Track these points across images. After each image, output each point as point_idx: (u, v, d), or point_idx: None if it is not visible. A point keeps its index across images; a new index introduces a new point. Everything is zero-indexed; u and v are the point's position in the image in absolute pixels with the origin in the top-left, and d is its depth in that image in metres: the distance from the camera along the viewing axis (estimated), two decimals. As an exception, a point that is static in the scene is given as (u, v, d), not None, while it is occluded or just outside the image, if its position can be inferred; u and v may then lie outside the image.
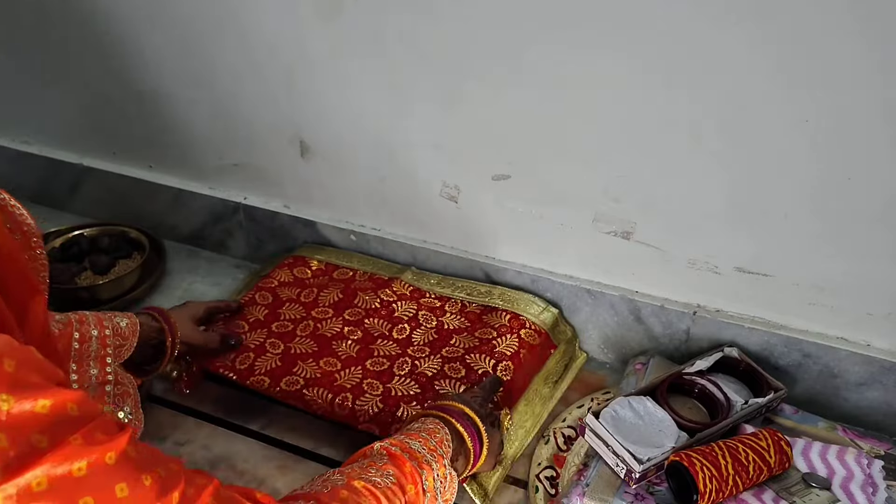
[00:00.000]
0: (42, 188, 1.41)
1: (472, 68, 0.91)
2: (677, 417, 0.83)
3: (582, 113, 0.88)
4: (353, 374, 0.95)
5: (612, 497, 0.78)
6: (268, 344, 1.00)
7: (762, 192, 0.84)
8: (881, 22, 0.69)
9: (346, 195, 1.15)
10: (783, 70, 0.76)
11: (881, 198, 0.79)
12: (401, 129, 1.02)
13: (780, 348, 0.93)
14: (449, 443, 0.73)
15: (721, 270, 0.93)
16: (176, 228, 1.31)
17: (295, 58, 1.02)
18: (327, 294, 1.09)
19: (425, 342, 1.01)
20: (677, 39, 0.78)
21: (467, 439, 0.75)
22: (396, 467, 0.65)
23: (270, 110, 1.10)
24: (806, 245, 0.86)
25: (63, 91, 1.26)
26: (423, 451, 0.69)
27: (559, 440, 0.92)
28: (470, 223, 1.07)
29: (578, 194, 0.96)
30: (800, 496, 0.76)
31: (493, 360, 0.96)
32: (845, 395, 0.92)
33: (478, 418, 0.77)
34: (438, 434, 0.73)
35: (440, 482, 0.68)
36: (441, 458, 0.70)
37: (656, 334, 1.00)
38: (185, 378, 0.99)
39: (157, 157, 1.27)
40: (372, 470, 0.64)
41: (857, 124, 0.76)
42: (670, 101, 0.83)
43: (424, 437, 0.71)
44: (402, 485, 0.64)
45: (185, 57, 1.10)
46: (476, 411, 0.78)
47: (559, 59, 0.86)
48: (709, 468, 0.74)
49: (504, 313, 1.03)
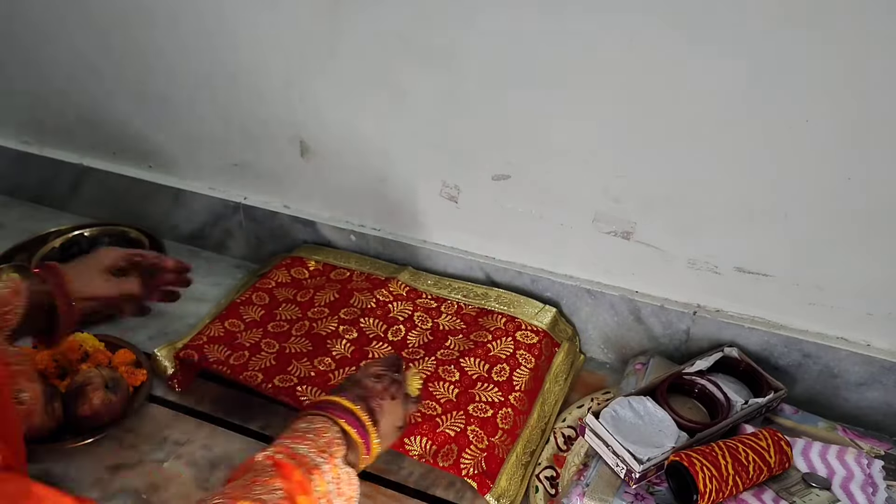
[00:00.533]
0: (42, 188, 1.41)
1: (472, 68, 0.91)
2: (677, 417, 0.83)
3: (582, 113, 0.88)
4: (348, 374, 0.95)
5: (612, 497, 0.78)
6: (263, 343, 1.00)
7: (762, 192, 0.84)
8: (881, 21, 0.69)
9: (346, 195, 1.15)
10: (783, 70, 0.76)
11: (881, 198, 0.79)
12: (401, 130, 1.02)
13: (780, 348, 0.93)
14: (340, 440, 0.70)
15: (721, 270, 0.93)
16: (176, 228, 1.31)
17: (295, 58, 1.02)
18: (323, 294, 1.09)
19: (420, 344, 1.01)
20: (677, 38, 0.78)
21: (353, 434, 0.72)
22: (284, 478, 0.61)
23: (270, 110, 1.10)
24: (806, 245, 0.86)
25: (63, 91, 1.26)
26: (312, 453, 0.66)
27: (559, 440, 0.92)
28: (470, 223, 1.07)
29: (578, 194, 0.96)
30: (800, 496, 0.76)
31: (488, 364, 0.96)
32: (845, 395, 0.92)
33: (358, 410, 0.73)
34: (327, 433, 0.69)
35: (333, 484, 0.65)
36: (332, 458, 0.67)
37: (656, 334, 1.00)
38: (178, 378, 0.99)
39: (157, 157, 1.27)
40: (257, 487, 0.60)
41: (857, 124, 0.76)
42: (670, 101, 0.83)
43: (312, 438, 0.68)
44: (293, 497, 0.61)
45: (185, 57, 1.10)
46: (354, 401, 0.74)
47: (559, 58, 0.86)
48: (709, 468, 0.74)
49: (500, 316, 1.03)
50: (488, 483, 0.82)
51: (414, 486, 0.87)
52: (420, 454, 0.84)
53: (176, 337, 1.08)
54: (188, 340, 1.02)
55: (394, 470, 0.89)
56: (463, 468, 0.83)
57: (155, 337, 1.10)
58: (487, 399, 0.92)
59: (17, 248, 1.25)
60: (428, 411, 0.89)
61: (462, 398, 0.91)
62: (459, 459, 0.84)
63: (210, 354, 0.97)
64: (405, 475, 0.88)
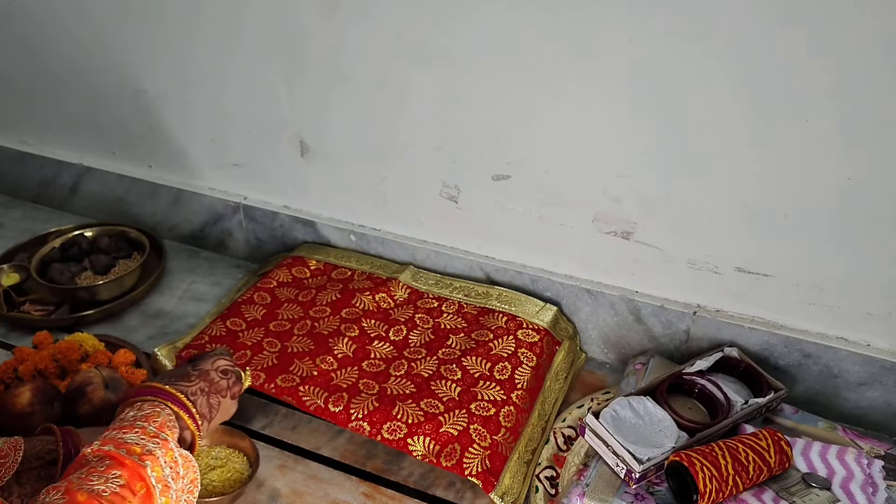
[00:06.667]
0: (42, 188, 1.41)
1: (472, 68, 0.91)
2: (677, 417, 0.83)
3: (582, 113, 0.88)
4: (350, 374, 0.95)
5: (612, 497, 0.78)
6: (265, 343, 1.00)
7: (762, 192, 0.85)
8: (882, 21, 0.69)
9: (346, 195, 1.15)
10: (783, 70, 0.76)
11: (881, 198, 0.79)
12: (401, 129, 1.02)
13: (780, 348, 0.93)
14: (173, 423, 0.69)
15: (721, 270, 0.93)
16: (176, 228, 1.31)
17: (295, 58, 1.02)
18: (325, 294, 1.09)
19: (421, 343, 1.01)
20: (677, 38, 0.79)
21: (182, 414, 0.72)
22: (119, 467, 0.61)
23: (270, 110, 1.10)
24: (806, 245, 0.86)
25: (63, 91, 1.26)
26: (143, 440, 0.64)
27: (559, 440, 0.92)
28: (470, 223, 1.07)
29: (578, 194, 0.96)
30: (800, 496, 0.76)
31: (489, 363, 0.96)
32: (845, 395, 0.92)
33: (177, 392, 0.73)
34: (159, 417, 0.68)
35: (170, 468, 0.64)
36: (166, 443, 0.66)
37: (656, 334, 1.00)
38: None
39: (157, 157, 1.27)
40: (94, 477, 0.59)
41: (857, 124, 0.76)
42: (670, 101, 0.83)
43: (142, 425, 0.66)
44: (131, 485, 0.60)
45: (185, 56, 1.10)
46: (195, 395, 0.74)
47: (559, 59, 0.86)
48: (709, 468, 0.74)
49: (501, 315, 1.03)
50: (492, 481, 0.82)
51: (414, 486, 0.87)
52: (423, 454, 0.84)
53: (176, 337, 1.08)
54: (190, 340, 1.02)
55: (394, 470, 0.89)
56: (466, 467, 0.83)
57: (155, 337, 1.10)
58: (490, 397, 0.92)
59: (17, 248, 1.25)
60: (431, 410, 0.89)
61: (464, 397, 0.91)
62: (462, 459, 0.84)
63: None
64: (405, 475, 0.88)
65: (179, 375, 0.77)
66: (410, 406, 0.90)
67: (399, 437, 0.86)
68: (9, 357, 1.01)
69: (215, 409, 0.76)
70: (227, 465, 0.87)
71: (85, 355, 0.99)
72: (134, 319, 1.14)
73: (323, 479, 0.88)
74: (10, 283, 1.18)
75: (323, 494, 0.86)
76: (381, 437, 0.86)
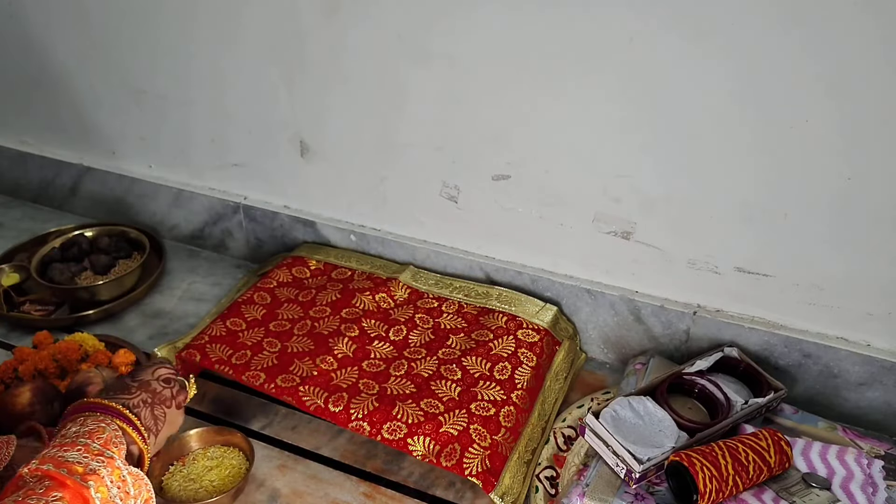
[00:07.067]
0: (42, 188, 1.41)
1: (472, 68, 0.91)
2: (677, 417, 0.83)
3: (582, 113, 0.88)
4: (350, 374, 0.95)
5: (612, 497, 0.78)
6: (265, 343, 1.00)
7: (762, 192, 0.85)
8: (882, 21, 0.69)
9: (346, 195, 1.15)
10: (783, 70, 0.76)
11: (881, 198, 0.79)
12: (401, 129, 1.02)
13: (780, 348, 0.93)
14: (119, 439, 0.65)
15: (721, 270, 0.93)
16: (176, 228, 1.31)
17: (295, 58, 1.02)
18: (325, 294, 1.09)
19: (421, 343, 1.01)
20: (677, 38, 0.78)
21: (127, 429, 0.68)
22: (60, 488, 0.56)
23: (270, 110, 1.10)
24: (806, 245, 0.86)
25: (63, 91, 1.26)
26: (86, 458, 0.60)
27: (559, 440, 0.92)
28: (470, 223, 1.07)
29: (578, 194, 0.96)
30: (800, 496, 0.76)
31: (489, 363, 0.96)
32: (845, 395, 0.92)
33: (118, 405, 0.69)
34: (104, 433, 0.64)
35: (117, 488, 0.60)
36: (112, 460, 0.61)
37: (656, 334, 1.00)
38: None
39: (157, 157, 1.27)
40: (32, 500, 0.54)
41: (857, 124, 0.76)
42: (670, 101, 0.83)
43: (84, 442, 0.62)
44: None
45: (184, 56, 1.10)
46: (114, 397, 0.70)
47: (559, 58, 0.86)
48: (709, 468, 0.74)
49: (501, 315, 1.03)
50: (492, 481, 0.82)
51: (414, 486, 0.87)
52: (423, 454, 0.84)
53: (176, 337, 1.08)
54: (190, 340, 1.02)
55: (394, 470, 0.89)
56: (466, 467, 0.83)
57: (155, 337, 1.10)
58: (490, 397, 0.92)
59: (17, 248, 1.25)
60: (431, 410, 0.89)
61: (464, 396, 0.91)
62: (462, 459, 0.84)
63: (212, 354, 0.97)
64: (405, 475, 0.88)
65: (118, 388, 0.72)
66: (410, 406, 0.89)
67: (399, 437, 0.85)
68: (9, 357, 1.01)
69: (161, 421, 0.72)
70: (224, 462, 0.87)
71: (85, 355, 0.99)
72: (134, 319, 1.14)
73: (323, 479, 0.88)
74: (10, 283, 1.18)
75: (323, 494, 0.86)
76: (381, 437, 0.86)
